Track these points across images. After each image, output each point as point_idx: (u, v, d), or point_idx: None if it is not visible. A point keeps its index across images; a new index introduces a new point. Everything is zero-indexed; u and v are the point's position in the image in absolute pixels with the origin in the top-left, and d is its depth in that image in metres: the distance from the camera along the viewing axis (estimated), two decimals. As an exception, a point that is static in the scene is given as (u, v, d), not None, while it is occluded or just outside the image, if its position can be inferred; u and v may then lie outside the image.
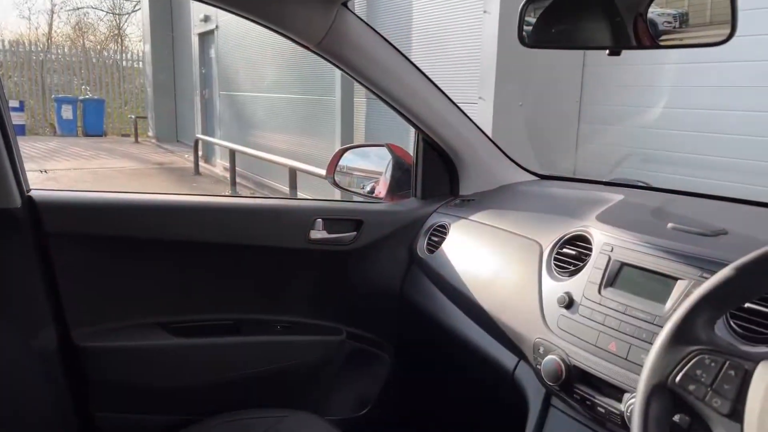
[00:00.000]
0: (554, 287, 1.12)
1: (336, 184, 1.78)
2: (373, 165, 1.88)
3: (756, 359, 0.64)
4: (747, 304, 0.85)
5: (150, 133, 14.68)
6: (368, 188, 1.83)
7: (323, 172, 1.86)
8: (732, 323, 0.86)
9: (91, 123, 14.16)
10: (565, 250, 1.17)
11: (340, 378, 1.66)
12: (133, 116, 14.67)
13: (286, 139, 7.97)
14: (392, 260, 1.61)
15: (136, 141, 14.15)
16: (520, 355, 1.19)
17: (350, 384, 1.69)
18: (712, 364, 0.66)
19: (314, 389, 1.62)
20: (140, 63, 15.54)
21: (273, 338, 1.48)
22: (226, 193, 8.19)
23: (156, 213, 1.34)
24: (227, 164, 8.69)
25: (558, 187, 1.57)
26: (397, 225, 1.59)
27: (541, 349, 1.08)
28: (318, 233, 1.49)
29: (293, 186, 6.23)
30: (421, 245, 1.57)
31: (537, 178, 1.71)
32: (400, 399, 1.78)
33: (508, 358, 1.24)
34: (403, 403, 1.80)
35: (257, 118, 8.95)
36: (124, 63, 15.92)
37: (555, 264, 1.17)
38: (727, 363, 0.65)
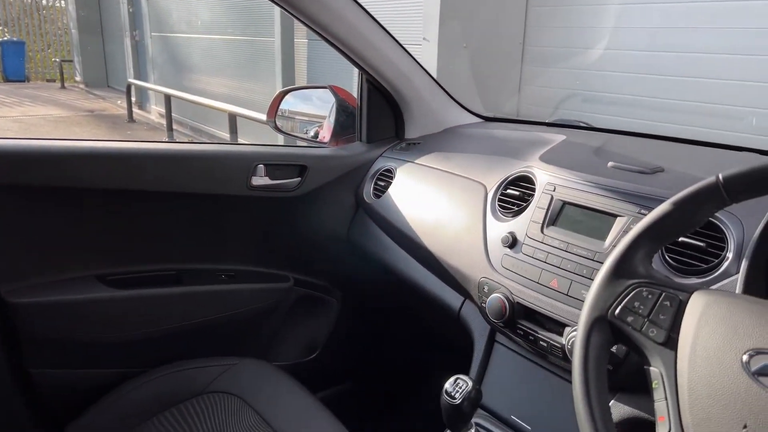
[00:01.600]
0: (498, 228, 1.14)
1: (278, 129, 1.73)
2: (316, 108, 1.83)
3: (689, 290, 0.67)
4: (681, 238, 0.88)
5: (78, 78, 13.82)
6: (312, 133, 1.78)
7: (264, 117, 1.79)
8: (667, 257, 0.90)
9: (11, 67, 13.19)
10: (509, 191, 1.18)
11: (289, 324, 1.66)
12: (57, 60, 13.74)
13: (224, 82, 7.67)
14: (338, 206, 1.59)
15: (63, 86, 13.32)
16: (466, 294, 1.21)
17: (299, 330, 1.70)
18: (649, 296, 0.68)
19: (262, 336, 1.62)
20: (62, 1, 14.45)
21: (217, 287, 1.46)
22: (163, 140, 7.88)
23: (89, 161, 1.26)
24: (163, 110, 8.32)
25: (502, 128, 1.58)
26: (343, 170, 1.56)
27: (486, 288, 1.10)
28: (260, 179, 1.45)
29: (233, 131, 6.04)
30: (368, 190, 1.56)
31: (481, 120, 1.71)
32: (349, 343, 1.80)
33: (454, 298, 1.26)
34: (351, 346, 1.83)
35: (193, 61, 8.55)
36: (44, 2, 14.76)
37: (499, 205, 1.18)
38: (663, 294, 0.67)
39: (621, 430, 0.70)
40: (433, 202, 1.34)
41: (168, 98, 7.87)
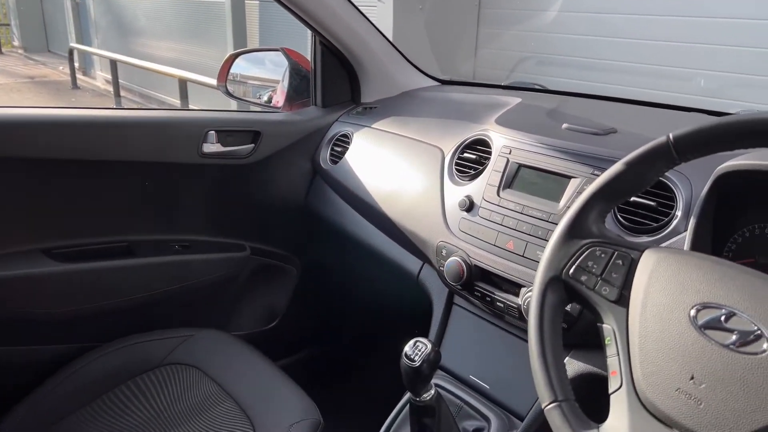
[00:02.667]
0: (456, 192, 1.14)
1: (229, 94, 1.67)
2: (268, 72, 1.78)
3: (641, 248, 0.68)
4: (633, 198, 0.90)
5: (15, 43, 13.07)
6: (265, 97, 1.73)
7: (215, 82, 1.73)
8: (620, 216, 0.92)
9: (-60, 31, 12.37)
10: (465, 154, 1.18)
11: (246, 294, 1.64)
12: (-8, 23, 12.95)
13: (172, 46, 7.38)
14: (294, 172, 1.56)
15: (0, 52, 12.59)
16: (424, 258, 1.22)
17: (257, 299, 1.68)
18: (602, 255, 0.69)
19: (220, 307, 1.60)
20: (-7, -41, 13.55)
21: (171, 258, 1.42)
22: (110, 107, 7.57)
23: (30, 129, 1.19)
24: (108, 76, 7.97)
25: (458, 92, 1.57)
26: (298, 135, 1.53)
27: (444, 252, 1.10)
28: (211, 146, 1.40)
29: (184, 97, 5.85)
30: (324, 156, 1.53)
31: (438, 83, 1.70)
32: (309, 310, 1.80)
33: (412, 263, 1.27)
34: (311, 313, 1.82)
35: (139, 23, 8.17)
36: (-28, -41, 13.81)
37: (456, 169, 1.18)
38: (616, 253, 0.69)
39: (575, 385, 0.72)
40: (390, 167, 1.33)
41: (114, 63, 7.53)
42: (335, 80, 1.59)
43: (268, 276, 1.67)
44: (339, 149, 1.50)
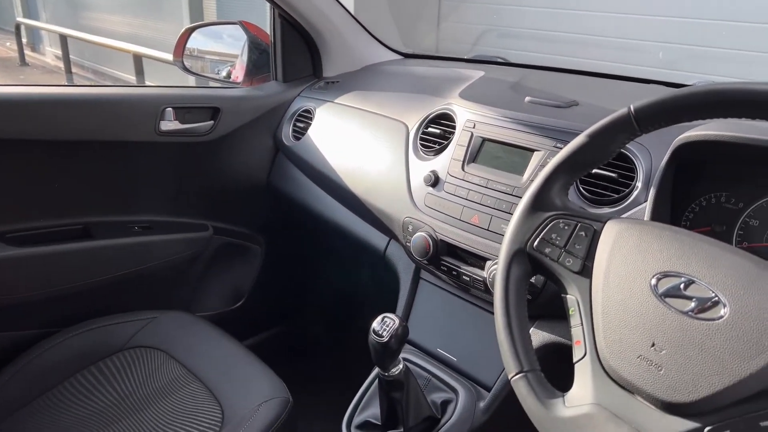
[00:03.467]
0: (421, 167, 1.13)
1: (186, 69, 1.62)
2: (227, 47, 1.73)
3: (603, 220, 0.69)
4: (595, 170, 0.91)
5: (-44, 17, 12.41)
6: (224, 73, 1.69)
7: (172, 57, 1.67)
8: (582, 188, 0.93)
9: None
10: (430, 129, 1.17)
11: (211, 274, 1.62)
12: (-71, -4, 12.23)
13: (126, 21, 7.11)
14: (256, 149, 1.53)
15: (-61, 26, 11.93)
16: (390, 234, 1.22)
17: (222, 279, 1.66)
18: (565, 228, 0.70)
19: (184, 288, 1.57)
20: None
21: (131, 240, 1.38)
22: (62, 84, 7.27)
23: None
24: (59, 52, 7.64)
25: (421, 65, 1.55)
26: (259, 111, 1.50)
27: (410, 228, 1.10)
28: (169, 124, 1.36)
29: (139, 73, 5.66)
30: (286, 132, 1.50)
31: (401, 57, 1.68)
32: (275, 289, 1.79)
33: (379, 239, 1.26)
34: (278, 292, 1.81)
35: (89, -4, 7.84)
36: None
37: (421, 144, 1.17)
38: (578, 225, 0.69)
39: (541, 355, 0.73)
40: (354, 143, 1.32)
41: (64, 38, 7.22)
42: (296, 54, 1.55)
43: (233, 255, 1.65)
44: (301, 125, 1.47)
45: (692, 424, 0.55)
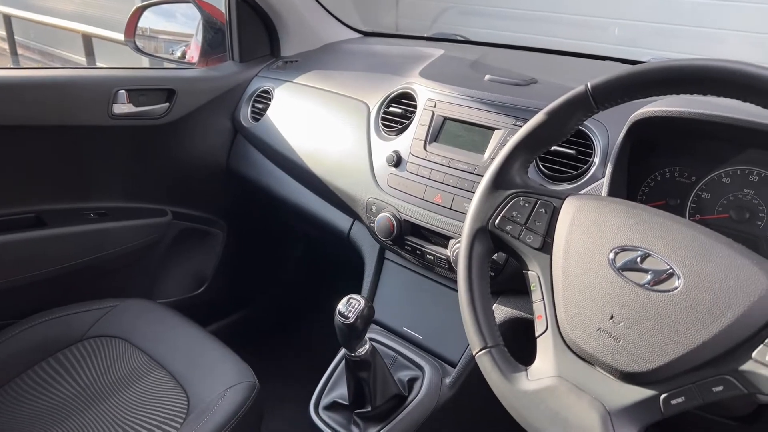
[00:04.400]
0: (383, 147, 1.13)
1: (139, 50, 1.57)
2: (181, 26, 1.68)
3: (562, 196, 0.70)
4: (554, 147, 0.92)
5: None
6: (178, 53, 1.64)
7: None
8: (541, 165, 0.94)
9: None
10: (391, 108, 1.16)
11: (171, 260, 1.58)
12: None
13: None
14: (214, 131, 1.50)
15: None
16: (354, 215, 1.21)
17: (183, 265, 1.63)
18: (526, 205, 0.71)
19: (144, 275, 1.53)
20: None
21: (87, 227, 1.34)
22: (7, 66, 6.96)
23: None
24: (2, 32, 7.29)
25: (381, 44, 1.54)
26: (215, 92, 1.46)
27: (374, 208, 1.10)
28: (122, 107, 1.32)
29: (89, 54, 5.44)
30: (245, 113, 1.48)
31: (360, 36, 1.66)
32: (238, 273, 1.77)
33: (342, 220, 1.26)
34: (241, 276, 1.79)
35: (32, -27, 7.47)
36: None
37: (383, 123, 1.16)
38: (538, 202, 0.70)
39: (504, 330, 0.74)
40: (315, 124, 1.30)
41: (8, 19, 6.89)
42: (252, 33, 1.52)
43: (193, 240, 1.62)
44: (260, 106, 1.45)
45: (649, 392, 0.57)
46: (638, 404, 0.58)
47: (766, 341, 0.52)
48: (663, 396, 0.57)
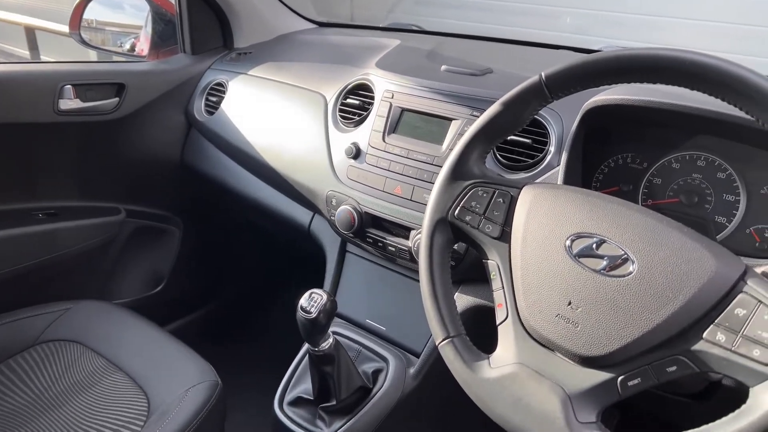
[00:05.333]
0: (341, 139, 1.12)
1: (85, 43, 1.51)
2: (129, 17, 1.63)
3: (519, 186, 0.71)
4: (510, 137, 0.93)
5: None
6: (127, 45, 1.59)
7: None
8: (499, 155, 0.95)
9: None
10: (348, 100, 1.15)
11: (127, 259, 1.54)
12: None
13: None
14: (167, 126, 1.46)
15: None
16: (314, 209, 1.20)
17: (139, 264, 1.59)
18: (484, 195, 0.71)
19: (98, 275, 1.49)
20: None
21: (35, 228, 1.29)
22: (-55, 62, 6.61)
23: None
24: (-62, 24, 6.93)
25: (337, 34, 1.53)
26: (167, 86, 1.42)
27: (334, 201, 1.09)
28: (69, 102, 1.27)
29: (33, 47, 5.23)
30: (199, 107, 1.44)
31: (315, 26, 1.64)
32: (197, 270, 1.73)
33: (302, 214, 1.25)
34: (200, 273, 1.76)
35: (-32, -38, 7.11)
36: None
37: (340, 115, 1.15)
38: (496, 192, 0.71)
39: (466, 319, 0.75)
40: (271, 117, 1.28)
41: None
42: (204, 24, 1.48)
43: (149, 238, 1.58)
44: (214, 99, 1.42)
45: (607, 375, 0.59)
46: (597, 387, 0.59)
47: (715, 321, 0.54)
48: (620, 378, 0.58)
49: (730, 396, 0.71)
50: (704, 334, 0.54)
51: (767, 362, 0.51)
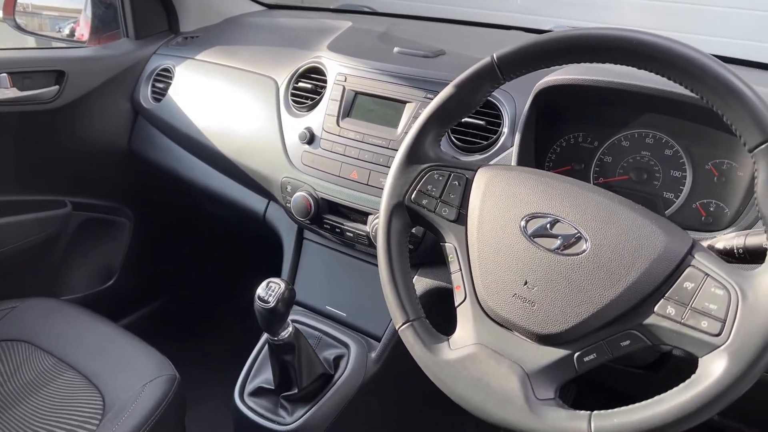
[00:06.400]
0: (294, 124, 1.10)
1: (20, 29, 1.44)
2: (67, 0, 1.56)
3: (474, 168, 0.71)
4: (465, 119, 0.93)
5: None
6: (67, 30, 1.52)
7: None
8: (453, 138, 0.95)
9: None
10: (300, 84, 1.13)
11: (75, 254, 1.49)
12: None
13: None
14: (112, 115, 1.41)
15: None
16: (269, 196, 1.18)
17: (88, 258, 1.54)
18: (440, 178, 0.71)
19: (45, 271, 1.43)
20: None
21: None
22: None
23: None
24: None
25: (286, 17, 1.50)
26: (111, 72, 1.37)
27: (289, 188, 1.08)
28: (5, 92, 1.21)
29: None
30: (145, 94, 1.39)
31: (264, 8, 1.60)
32: (150, 262, 1.69)
33: (257, 202, 1.23)
34: (153, 266, 1.71)
35: None
36: None
37: (293, 100, 1.13)
38: (452, 175, 0.71)
39: (425, 301, 0.76)
40: (221, 102, 1.25)
41: None
42: (147, 7, 1.43)
43: (98, 231, 1.53)
44: (161, 85, 1.37)
45: (563, 351, 0.60)
46: (554, 364, 0.61)
47: (666, 295, 0.56)
48: (576, 354, 0.59)
49: (681, 366, 0.74)
50: (655, 308, 0.56)
51: (715, 333, 0.52)
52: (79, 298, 1.48)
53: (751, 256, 0.59)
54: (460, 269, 0.69)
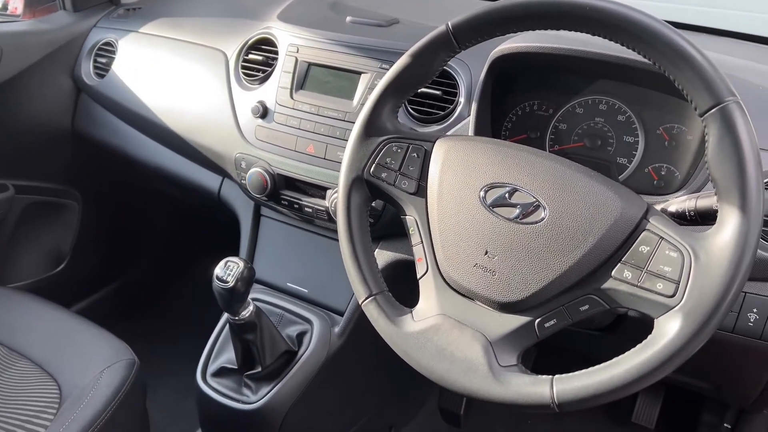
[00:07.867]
0: (246, 97, 1.07)
1: (-56, 1, 1.34)
2: (-6, -29, 1.45)
3: (432, 139, 0.71)
4: (421, 89, 0.92)
5: None
6: (-3, 3, 1.43)
7: None
8: (410, 108, 0.94)
9: None
10: (251, 56, 1.10)
11: (20, 239, 1.43)
12: None
13: None
14: (52, 92, 1.34)
15: None
16: (223, 173, 1.15)
17: (35, 243, 1.47)
18: (399, 151, 0.71)
19: None
20: None
21: None
22: None
23: None
24: None
25: None
26: (48, 48, 1.30)
27: (243, 164, 1.05)
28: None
29: None
30: (87, 69, 1.33)
31: (209, -23, 1.54)
32: (102, 245, 1.64)
33: (211, 179, 1.20)
34: (105, 248, 1.66)
35: None
36: None
37: (243, 72, 1.10)
38: (410, 147, 0.70)
39: (387, 274, 0.75)
40: (169, 77, 1.20)
41: None
42: None
43: (44, 215, 1.46)
44: (103, 60, 1.31)
45: (525, 318, 0.61)
46: (516, 331, 0.61)
47: (622, 260, 0.57)
48: (537, 320, 0.61)
49: (637, 326, 0.76)
50: (613, 273, 0.57)
51: (669, 294, 0.54)
52: (28, 284, 1.42)
53: (702, 218, 0.60)
54: (422, 241, 0.69)
